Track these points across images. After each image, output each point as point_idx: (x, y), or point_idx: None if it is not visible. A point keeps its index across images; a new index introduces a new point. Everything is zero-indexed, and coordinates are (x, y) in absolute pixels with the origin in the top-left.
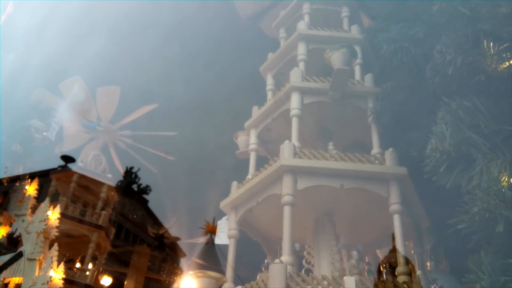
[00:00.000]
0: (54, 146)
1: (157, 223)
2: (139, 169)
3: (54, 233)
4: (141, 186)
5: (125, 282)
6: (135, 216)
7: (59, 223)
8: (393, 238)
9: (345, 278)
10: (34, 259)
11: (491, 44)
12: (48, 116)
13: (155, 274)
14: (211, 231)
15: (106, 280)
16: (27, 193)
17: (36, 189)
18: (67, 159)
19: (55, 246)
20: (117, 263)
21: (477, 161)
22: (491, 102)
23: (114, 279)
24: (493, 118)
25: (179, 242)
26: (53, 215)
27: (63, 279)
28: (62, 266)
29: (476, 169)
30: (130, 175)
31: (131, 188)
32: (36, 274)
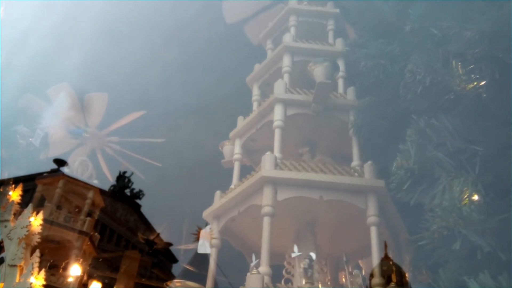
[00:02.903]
0: (39, 152)
1: (149, 228)
2: (132, 173)
3: (36, 239)
4: (134, 191)
5: (114, 287)
6: (127, 221)
7: (42, 229)
8: (385, 246)
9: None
10: (15, 265)
11: (459, 64)
12: (34, 122)
13: (145, 280)
14: (204, 236)
15: (96, 286)
16: (11, 199)
17: (20, 195)
18: (59, 162)
19: (37, 253)
20: (107, 268)
21: (441, 179)
22: (459, 121)
23: (104, 284)
24: (460, 137)
25: (171, 248)
26: (36, 221)
27: (45, 285)
28: (42, 272)
29: (439, 187)
30: (123, 180)
31: (123, 193)
32: (17, 280)
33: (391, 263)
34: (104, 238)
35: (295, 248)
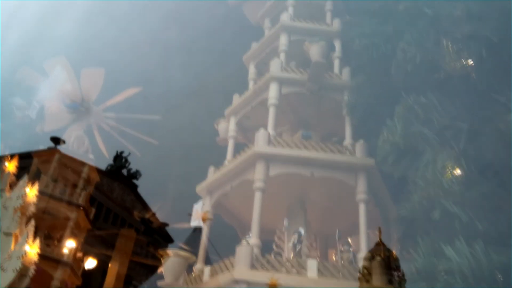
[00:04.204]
0: (35, 124)
1: (145, 208)
2: (129, 154)
3: (31, 209)
4: (131, 171)
5: (110, 265)
6: (124, 201)
7: (38, 201)
8: (379, 231)
9: (308, 260)
10: (10, 234)
11: (449, 43)
12: (30, 94)
13: (140, 258)
14: (204, 219)
15: (91, 262)
16: (7, 170)
17: (16, 166)
18: (57, 140)
19: (32, 222)
20: (103, 246)
21: (425, 153)
22: (447, 99)
23: (99, 261)
24: (447, 114)
25: (167, 228)
26: (31, 192)
27: (42, 255)
28: (37, 241)
29: (423, 161)
30: (120, 160)
31: (121, 173)
32: (12, 248)
33: (382, 248)
34: (100, 217)
35: (286, 223)
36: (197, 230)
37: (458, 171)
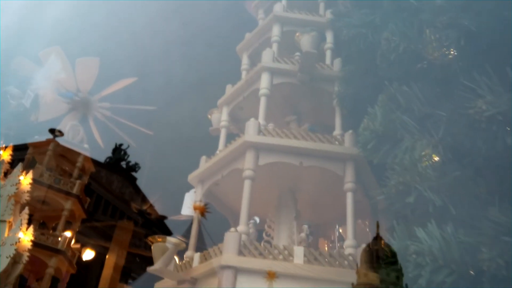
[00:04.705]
0: (29, 113)
1: (144, 200)
2: (128, 146)
3: (26, 197)
4: (130, 164)
5: (107, 256)
6: (122, 193)
7: (33, 189)
8: (377, 226)
9: (294, 247)
10: (4, 221)
11: (431, 33)
12: (25, 83)
13: (139, 250)
14: (198, 209)
15: (89, 253)
16: (1, 158)
17: (11, 155)
18: (54, 132)
19: (26, 210)
20: (100, 238)
21: (404, 140)
22: (429, 88)
23: (97, 253)
24: (428, 103)
25: (167, 221)
26: (25, 180)
27: (36, 243)
28: (31, 228)
29: (402, 148)
30: (119, 152)
31: (119, 165)
32: (6, 235)
33: (382, 242)
34: (99, 210)
35: (276, 213)
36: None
37: (436, 158)
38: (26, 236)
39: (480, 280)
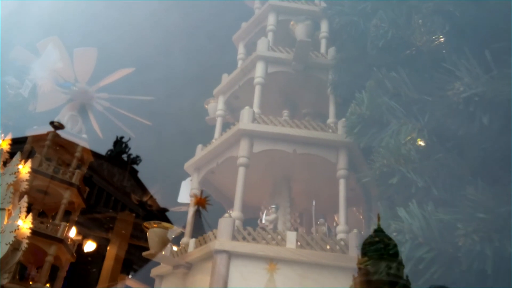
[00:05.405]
0: (28, 103)
1: (145, 192)
2: (129, 139)
3: (24, 186)
4: (131, 156)
5: (108, 248)
6: (124, 186)
7: (32, 179)
8: (378, 218)
9: (287, 232)
10: (4, 209)
11: (419, 18)
12: (23, 73)
13: (140, 242)
14: (199, 202)
15: (90, 245)
16: (0, 147)
17: (9, 144)
18: (55, 126)
19: (25, 198)
20: (102, 230)
21: (391, 125)
22: (416, 74)
23: (99, 245)
24: (415, 89)
25: (168, 213)
26: (24, 169)
27: (36, 232)
28: (30, 216)
29: (388, 132)
30: (120, 145)
31: (121, 158)
32: (5, 222)
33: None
34: (101, 202)
35: (271, 201)
36: (196, 214)
37: (421, 142)
38: (25, 224)
39: (456, 255)
